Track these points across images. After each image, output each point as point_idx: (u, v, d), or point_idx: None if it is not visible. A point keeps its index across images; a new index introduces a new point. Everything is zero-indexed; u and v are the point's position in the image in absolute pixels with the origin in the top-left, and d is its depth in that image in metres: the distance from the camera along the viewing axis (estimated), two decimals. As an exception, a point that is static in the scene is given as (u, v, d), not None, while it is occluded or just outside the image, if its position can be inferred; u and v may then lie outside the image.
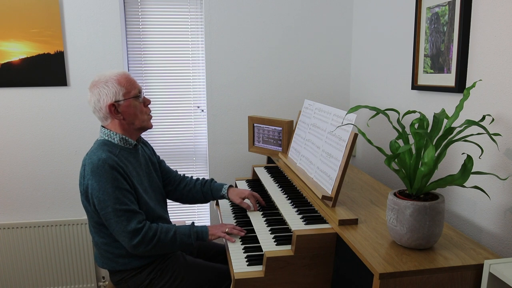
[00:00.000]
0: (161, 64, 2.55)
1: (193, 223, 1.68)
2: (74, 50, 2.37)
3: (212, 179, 1.97)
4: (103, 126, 1.64)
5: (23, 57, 2.32)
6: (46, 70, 2.35)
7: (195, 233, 1.63)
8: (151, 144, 1.82)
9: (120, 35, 2.39)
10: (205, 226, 1.67)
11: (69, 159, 2.49)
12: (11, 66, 2.32)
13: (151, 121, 1.72)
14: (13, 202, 2.50)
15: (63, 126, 2.45)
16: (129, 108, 1.61)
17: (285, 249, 1.43)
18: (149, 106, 1.70)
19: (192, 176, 2.00)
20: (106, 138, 1.62)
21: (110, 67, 2.40)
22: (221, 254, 1.93)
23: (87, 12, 2.34)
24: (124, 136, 1.63)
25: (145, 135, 2.56)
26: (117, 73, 1.61)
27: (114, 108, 1.58)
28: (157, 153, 1.91)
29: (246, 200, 1.86)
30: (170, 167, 1.97)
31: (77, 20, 2.34)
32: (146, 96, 1.69)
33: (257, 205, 1.85)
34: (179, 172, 2.00)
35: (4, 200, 2.49)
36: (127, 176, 1.56)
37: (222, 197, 1.91)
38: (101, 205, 1.50)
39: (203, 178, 1.99)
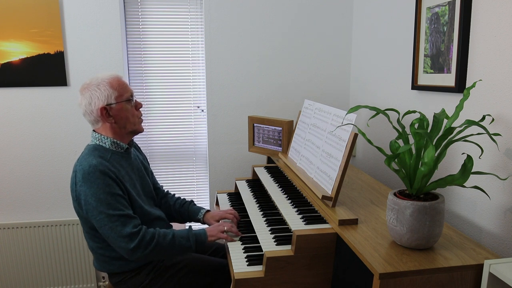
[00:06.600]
0: (161, 64, 2.55)
1: (190, 227, 1.66)
2: (74, 50, 2.37)
3: (191, 201, 1.94)
4: (94, 131, 1.62)
5: (23, 57, 2.32)
6: (46, 70, 2.35)
7: (194, 235, 1.60)
8: (150, 145, 1.83)
9: (120, 35, 2.39)
10: (203, 229, 1.66)
11: (69, 159, 2.49)
12: (11, 66, 2.32)
13: (142, 124, 1.70)
14: (13, 202, 2.50)
15: (63, 126, 2.45)
16: (121, 111, 1.59)
17: (285, 249, 1.43)
18: (149, 107, 1.69)
19: (174, 194, 1.98)
20: (97, 142, 1.60)
21: (110, 67, 2.40)
22: (221, 251, 1.93)
23: (87, 12, 2.34)
24: (115, 140, 1.61)
25: (145, 135, 2.56)
26: (109, 76, 1.59)
27: (105, 112, 1.56)
28: (157, 154, 1.91)
29: (223, 221, 1.79)
30: (168, 170, 1.94)
31: (77, 20, 2.35)
32: (138, 100, 1.68)
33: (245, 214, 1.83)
34: (169, 185, 1.93)
35: (4, 200, 2.49)
36: (119, 181, 1.54)
37: (198, 220, 1.88)
38: (94, 211, 1.47)
39: (184, 198, 1.95)
